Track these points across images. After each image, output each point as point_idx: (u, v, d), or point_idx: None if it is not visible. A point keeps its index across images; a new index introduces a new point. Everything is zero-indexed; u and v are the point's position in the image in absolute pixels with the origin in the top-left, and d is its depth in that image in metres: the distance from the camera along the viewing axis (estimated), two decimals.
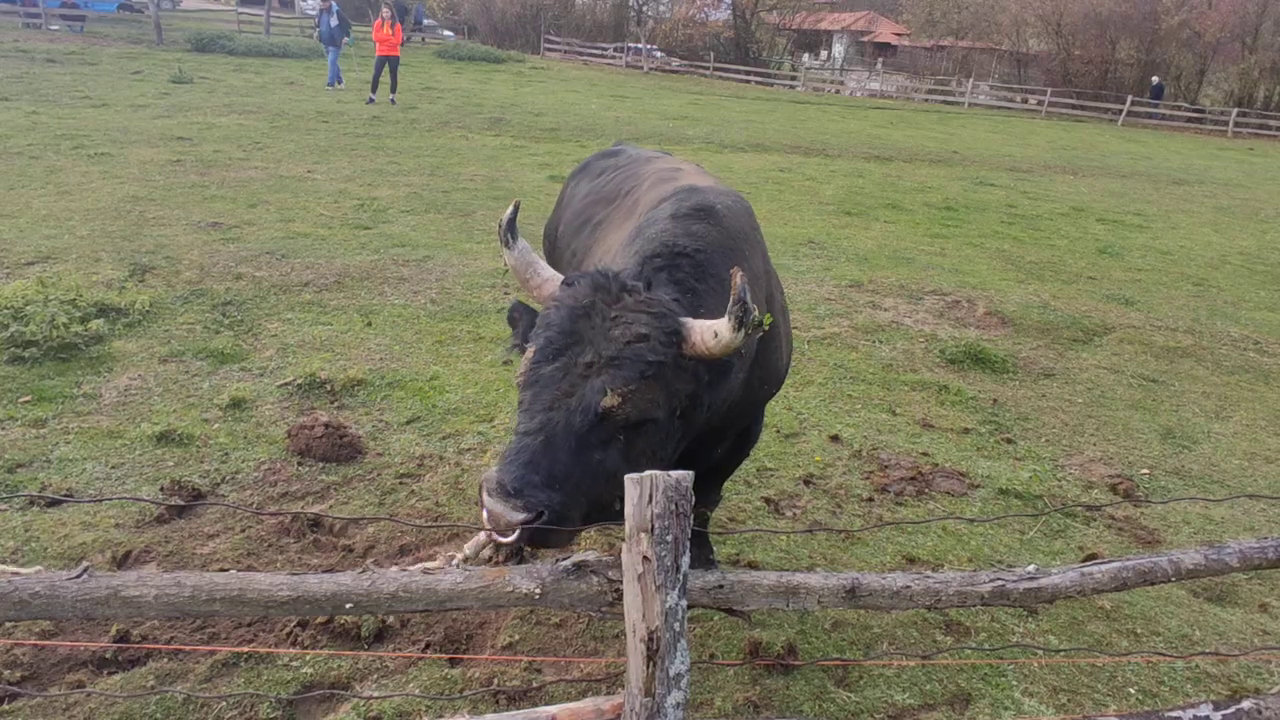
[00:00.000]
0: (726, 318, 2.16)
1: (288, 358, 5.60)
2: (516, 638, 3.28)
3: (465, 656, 3.19)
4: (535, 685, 3.00)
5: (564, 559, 2.08)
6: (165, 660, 2.98)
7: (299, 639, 3.19)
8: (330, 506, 4.06)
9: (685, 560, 1.99)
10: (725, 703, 3.05)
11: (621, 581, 2.06)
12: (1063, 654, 3.43)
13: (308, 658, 3.08)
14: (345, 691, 2.91)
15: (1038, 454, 5.48)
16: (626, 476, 1.97)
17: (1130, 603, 3.88)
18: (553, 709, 2.05)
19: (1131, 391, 6.71)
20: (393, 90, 17.62)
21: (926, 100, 38.59)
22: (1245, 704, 2.32)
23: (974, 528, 4.47)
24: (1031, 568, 2.32)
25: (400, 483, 4.36)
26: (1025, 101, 39.63)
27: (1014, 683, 3.26)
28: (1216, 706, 2.32)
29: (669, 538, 1.96)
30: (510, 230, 2.65)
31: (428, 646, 3.21)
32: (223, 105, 15.64)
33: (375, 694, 2.91)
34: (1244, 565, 2.45)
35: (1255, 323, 8.79)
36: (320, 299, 6.59)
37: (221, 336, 5.80)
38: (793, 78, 41.68)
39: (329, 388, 5.22)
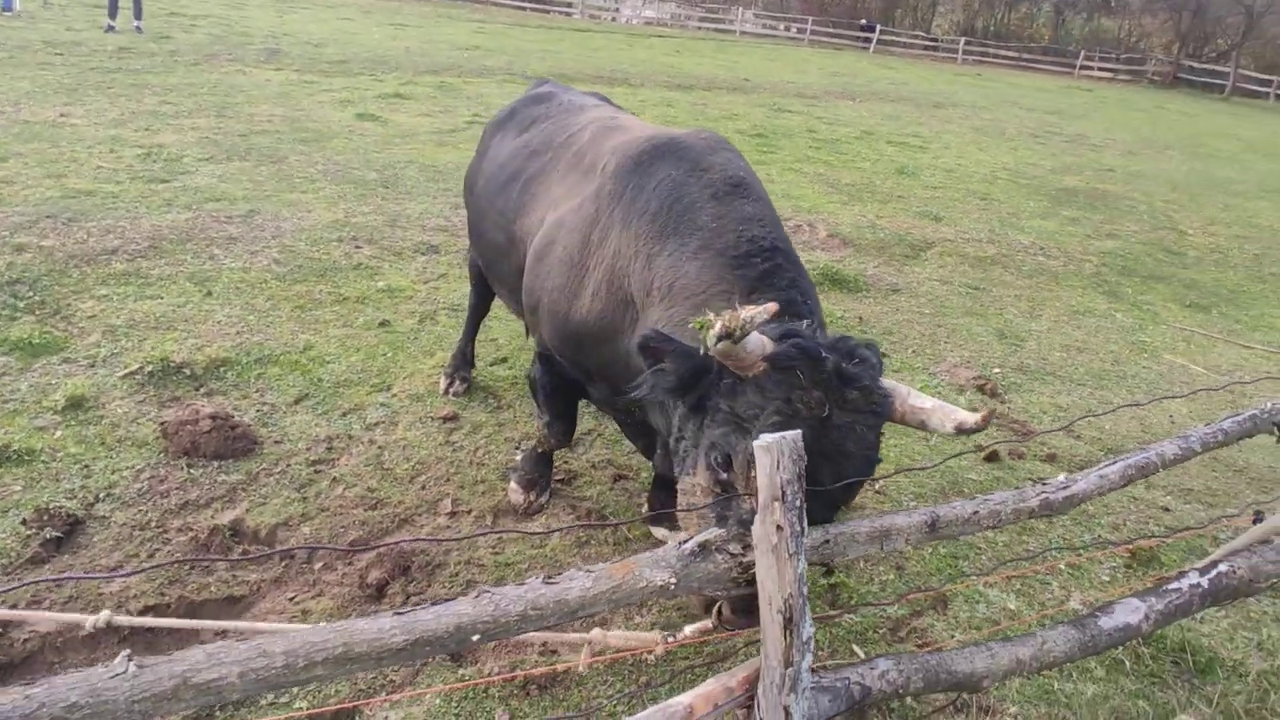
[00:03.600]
0: (950, 419, 2.02)
1: (120, 341, 4.70)
2: None
3: (469, 652, 2.92)
4: (561, 668, 2.81)
5: (684, 542, 1.92)
6: None
7: None
8: (248, 511, 3.50)
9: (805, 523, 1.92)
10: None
11: (744, 555, 1.94)
12: (1031, 558, 3.80)
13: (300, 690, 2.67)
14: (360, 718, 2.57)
15: (911, 365, 5.94)
16: (756, 445, 1.83)
17: None
18: (685, 698, 1.91)
19: (964, 300, 7.45)
20: (137, 16, 15.01)
21: (700, 28, 39.45)
22: (1221, 566, 2.69)
23: (888, 440, 4.78)
24: (1062, 477, 2.50)
25: (316, 471, 3.85)
26: (789, 30, 41.80)
27: (977, 582, 3.56)
28: (1201, 572, 2.67)
29: (798, 503, 1.87)
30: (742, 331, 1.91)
31: None
32: None
33: (392, 714, 2.60)
34: (1204, 449, 2.81)
35: (1036, 230, 10.06)
36: (137, 268, 5.56)
37: (21, 324, 4.73)
38: (569, 4, 40.78)
39: (188, 372, 4.46)
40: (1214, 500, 4.61)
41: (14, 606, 2.75)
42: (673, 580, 1.84)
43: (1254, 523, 2.93)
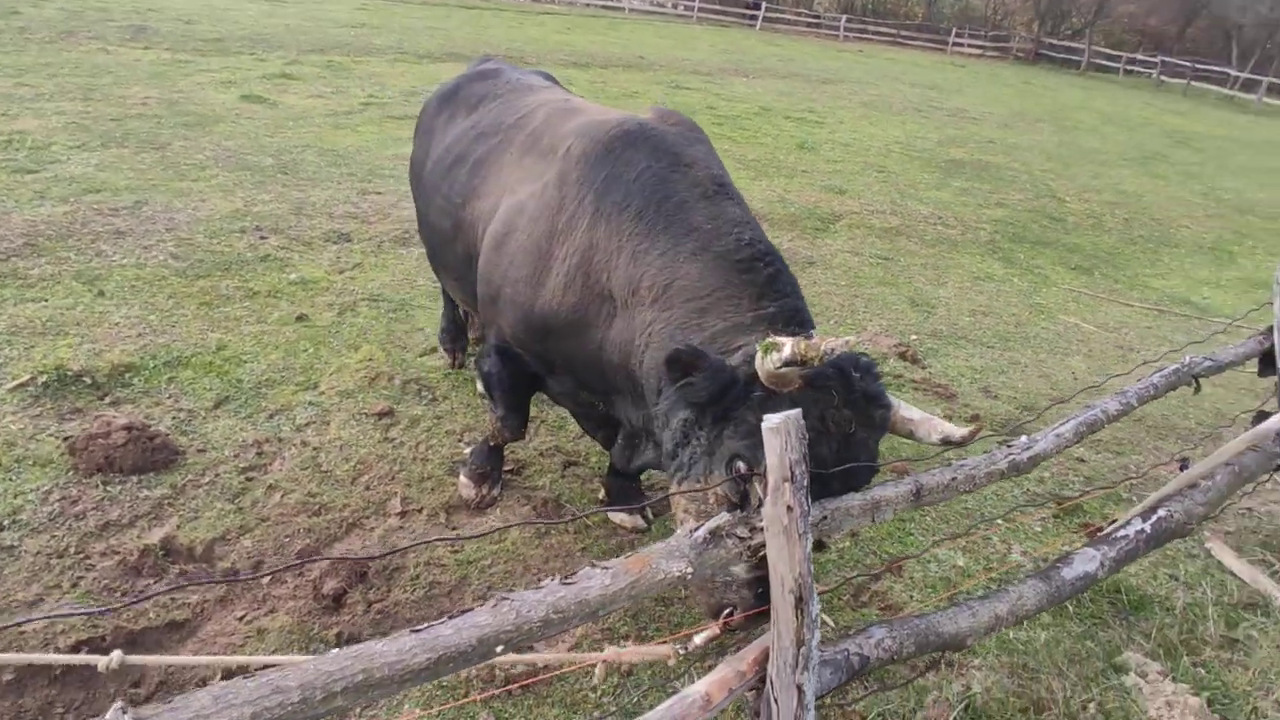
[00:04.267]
0: (935, 430, 2.20)
1: (2, 350, 4.24)
2: None
3: None
4: (541, 665, 2.74)
5: (695, 529, 1.89)
6: None
7: None
8: (178, 527, 3.24)
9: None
10: None
11: (751, 539, 1.93)
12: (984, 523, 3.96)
13: None
14: None
15: (835, 335, 6.09)
16: (765, 426, 1.81)
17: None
18: (699, 686, 1.89)
19: (875, 270, 7.70)
20: None
21: (589, 5, 38.98)
22: (1161, 511, 2.89)
23: None
24: (1024, 439, 2.62)
25: (248, 479, 3.60)
26: (677, 7, 41.89)
27: (929, 546, 3.70)
28: (1143, 519, 2.86)
29: (805, 482, 1.87)
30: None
31: None
32: None
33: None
34: (1140, 403, 3.00)
35: (932, 201, 10.50)
36: (13, 268, 5.02)
37: None
38: None
39: (89, 380, 4.07)
40: (1120, 449, 4.96)
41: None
42: (689, 569, 1.81)
43: (1180, 470, 3.16)
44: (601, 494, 3.74)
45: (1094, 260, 9.23)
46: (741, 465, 2.10)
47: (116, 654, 1.25)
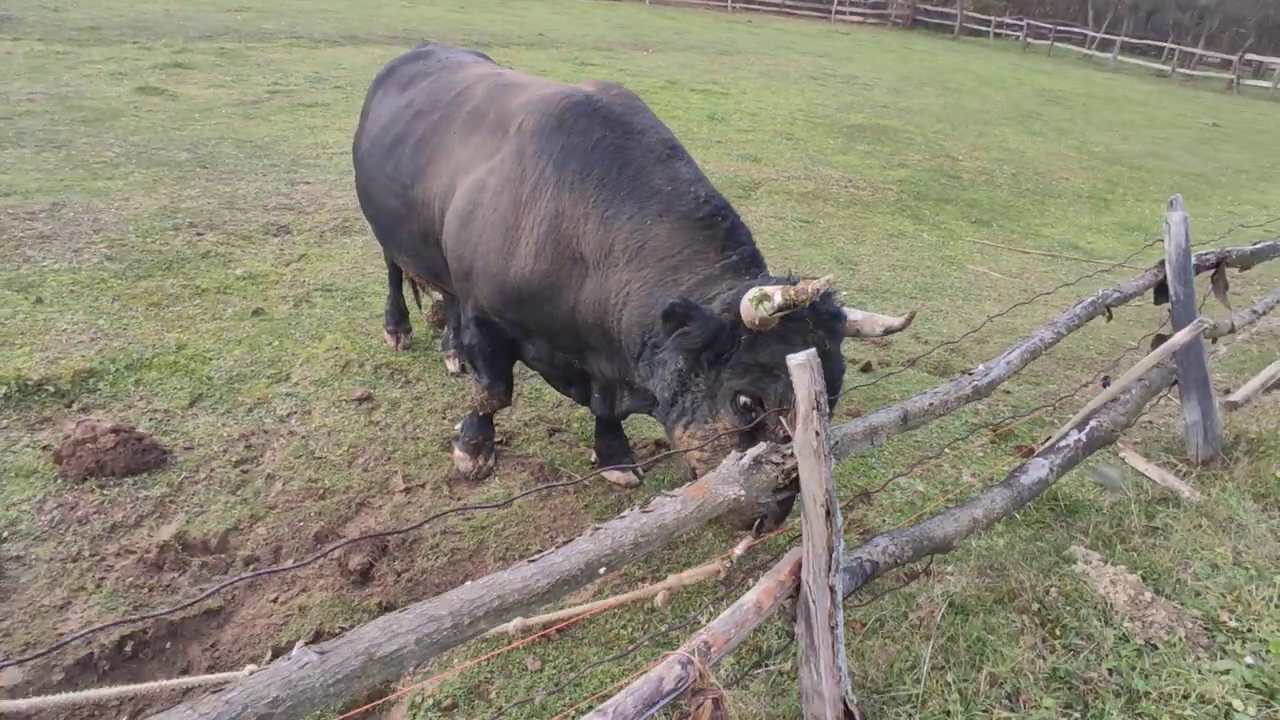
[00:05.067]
0: (886, 320, 2.59)
1: None
2: None
3: None
4: (568, 618, 2.96)
5: (740, 458, 2.14)
6: None
7: None
8: (188, 523, 3.27)
9: None
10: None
11: (784, 463, 2.20)
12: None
13: None
14: (392, 691, 2.59)
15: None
16: (793, 361, 2.08)
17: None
18: (750, 596, 2.15)
19: (799, 233, 8.12)
20: None
21: None
22: (1092, 422, 3.34)
23: None
24: (981, 367, 2.99)
25: (244, 472, 3.65)
26: None
27: (891, 477, 4.09)
28: (1078, 428, 3.30)
29: (828, 410, 2.15)
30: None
31: None
32: None
33: (426, 683, 2.64)
34: (1068, 331, 3.43)
35: (841, 165, 11.03)
36: None
37: None
38: None
39: (52, 389, 3.98)
40: (1038, 380, 5.52)
41: None
42: (742, 492, 2.07)
43: (1103, 386, 3.63)
44: (593, 456, 3.96)
45: (990, 213, 9.96)
46: (745, 399, 2.38)
47: (298, 644, 1.40)
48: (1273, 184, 14.29)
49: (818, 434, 2.12)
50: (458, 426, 3.98)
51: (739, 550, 2.34)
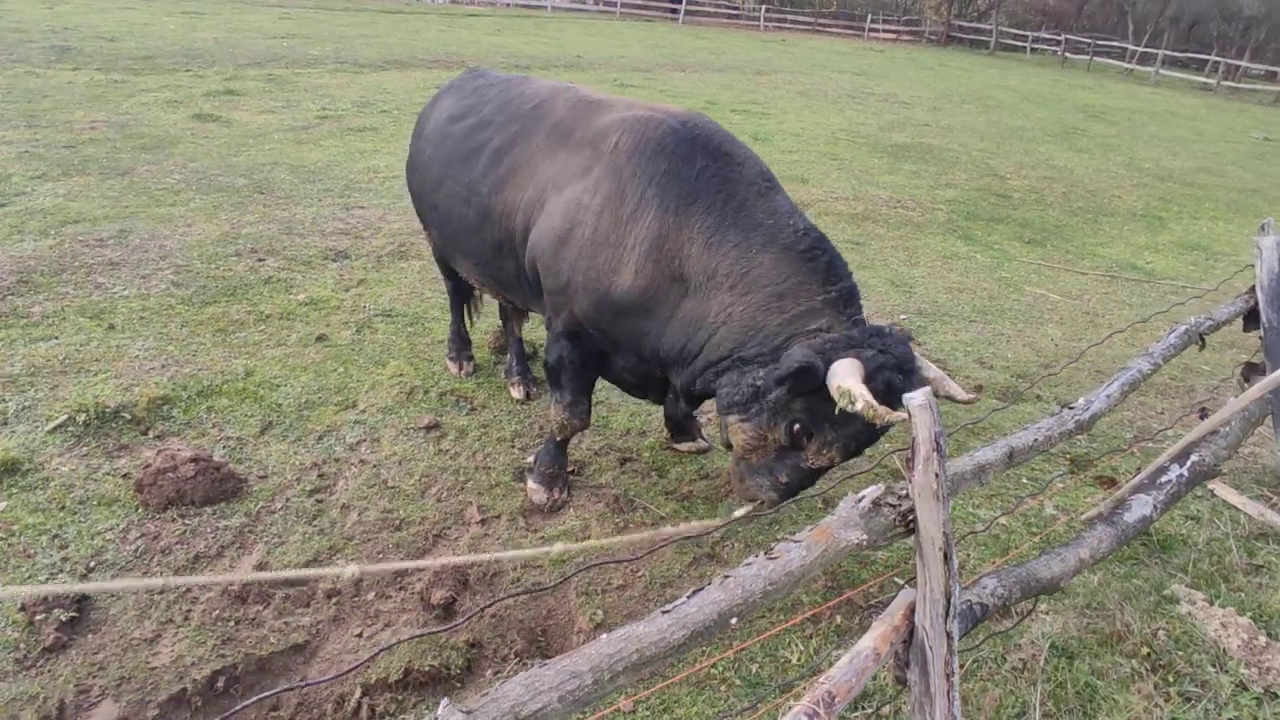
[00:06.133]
0: (953, 389, 2.74)
1: (27, 392, 4.14)
2: (600, 615, 3.10)
3: (568, 651, 2.94)
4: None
5: (858, 502, 2.07)
6: None
7: (376, 707, 2.65)
8: (269, 554, 3.27)
9: None
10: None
11: (900, 505, 2.13)
12: None
13: None
14: None
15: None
16: (915, 403, 2.01)
17: None
18: (867, 642, 2.07)
19: (851, 255, 7.97)
20: None
21: (510, 5, 38.75)
22: (1194, 456, 3.21)
23: None
24: (1082, 401, 2.89)
25: (318, 501, 3.64)
26: (598, 3, 41.98)
27: (969, 511, 3.98)
28: (1178, 461, 3.18)
29: (946, 452, 2.08)
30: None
31: (519, 659, 2.89)
32: None
33: None
34: (1164, 360, 3.31)
35: (889, 185, 10.92)
36: (13, 307, 4.87)
37: None
38: None
39: (128, 416, 4.02)
40: (1112, 409, 5.35)
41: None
42: (865, 536, 2.00)
43: (1200, 419, 3.50)
44: (666, 433, 4.35)
45: (1043, 233, 9.78)
46: (799, 429, 2.68)
47: (353, 567, 1.35)
48: None
49: (937, 476, 2.04)
50: (530, 458, 3.94)
51: (739, 513, 2.72)
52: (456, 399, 4.62)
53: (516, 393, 4.68)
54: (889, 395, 2.48)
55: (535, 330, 5.49)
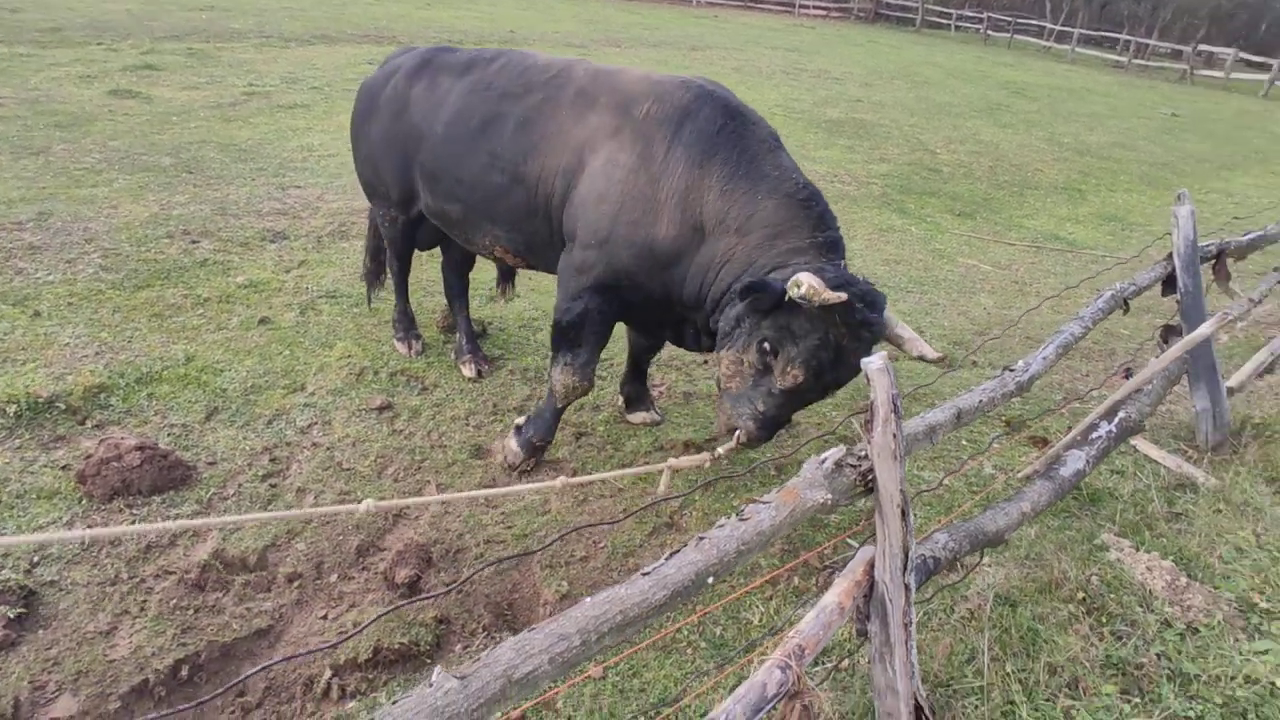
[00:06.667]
0: (917, 347, 2.92)
1: None
2: (565, 586, 3.14)
3: (537, 624, 2.98)
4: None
5: (821, 463, 2.16)
6: None
7: (347, 687, 2.65)
8: (225, 540, 3.21)
9: None
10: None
11: (860, 465, 2.22)
12: None
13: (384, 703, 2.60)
14: None
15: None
16: (874, 367, 2.10)
17: None
18: (831, 597, 2.17)
19: None
20: None
21: None
22: (1121, 413, 3.42)
23: None
24: (1021, 363, 3.05)
25: (272, 486, 3.58)
26: None
27: (914, 472, 4.15)
28: (1107, 419, 3.38)
29: (901, 413, 2.18)
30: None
31: (487, 632, 2.92)
32: None
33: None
34: (1093, 324, 3.50)
35: (826, 160, 11.12)
36: None
37: None
38: None
39: (63, 405, 3.87)
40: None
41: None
42: (829, 495, 2.09)
43: (1125, 379, 3.72)
44: (620, 400, 4.48)
45: (973, 206, 10.12)
46: (767, 346, 2.91)
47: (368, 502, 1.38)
48: (1234, 172, 14.72)
49: (895, 436, 2.15)
50: (521, 419, 3.92)
51: (721, 450, 2.89)
52: (407, 379, 4.57)
53: (468, 371, 4.66)
54: (845, 310, 2.69)
55: (481, 310, 5.45)
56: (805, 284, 2.60)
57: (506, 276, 5.03)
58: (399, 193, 4.18)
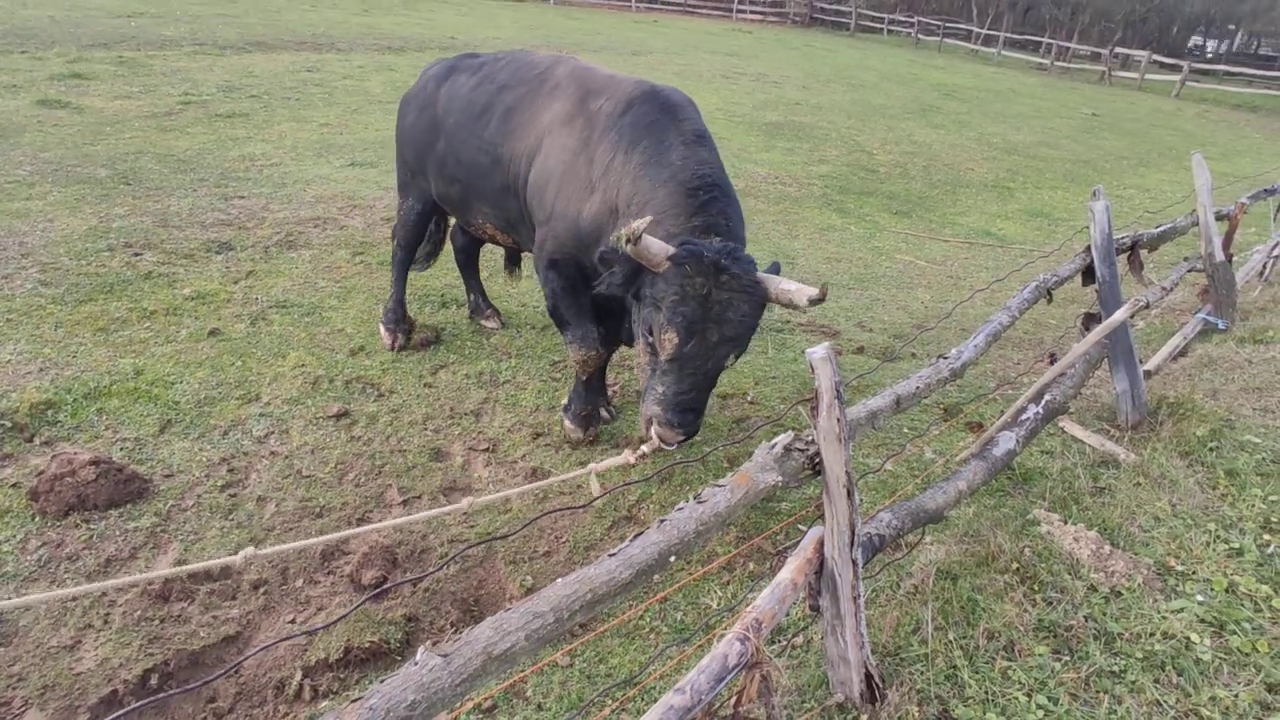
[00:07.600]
0: (804, 294, 2.84)
1: None
2: (529, 580, 3.23)
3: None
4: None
5: (772, 448, 2.30)
6: None
7: (319, 688, 2.70)
8: (187, 551, 3.21)
9: None
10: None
11: (807, 449, 2.38)
12: None
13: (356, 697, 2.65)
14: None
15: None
16: (817, 357, 2.25)
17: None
18: (785, 575, 2.32)
19: None
20: None
21: None
22: (1047, 396, 3.66)
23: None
24: (954, 351, 3.26)
25: (232, 496, 3.59)
26: None
27: (860, 458, 4.35)
28: (1035, 401, 3.61)
29: (845, 398, 2.34)
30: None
31: (455, 628, 2.99)
32: None
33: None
34: (1021, 313, 3.74)
35: (766, 163, 11.39)
36: None
37: None
38: None
39: (8, 422, 3.82)
40: (974, 361, 5.90)
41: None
42: (779, 477, 2.23)
43: (1050, 364, 3.97)
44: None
45: (909, 204, 10.49)
46: (646, 327, 2.98)
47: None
48: (1149, 168, 15.50)
49: (839, 420, 2.30)
50: (564, 400, 4.31)
51: (645, 449, 2.91)
52: (363, 386, 4.60)
53: (492, 323, 5.36)
54: (689, 255, 2.81)
55: (434, 316, 5.49)
56: (626, 229, 2.71)
57: (513, 259, 5.36)
58: (427, 182, 4.62)
